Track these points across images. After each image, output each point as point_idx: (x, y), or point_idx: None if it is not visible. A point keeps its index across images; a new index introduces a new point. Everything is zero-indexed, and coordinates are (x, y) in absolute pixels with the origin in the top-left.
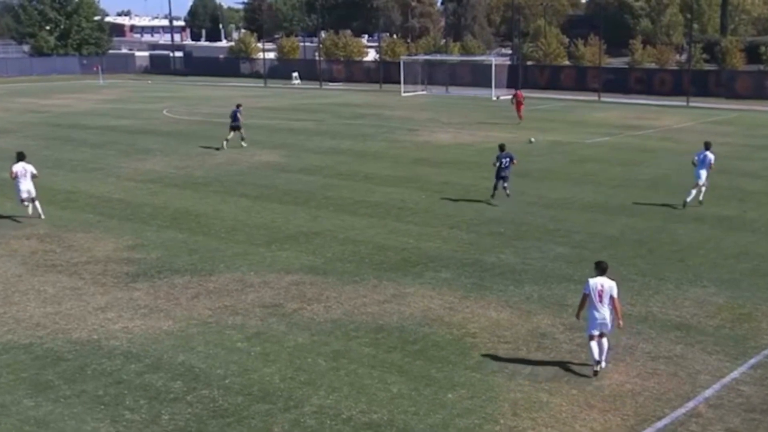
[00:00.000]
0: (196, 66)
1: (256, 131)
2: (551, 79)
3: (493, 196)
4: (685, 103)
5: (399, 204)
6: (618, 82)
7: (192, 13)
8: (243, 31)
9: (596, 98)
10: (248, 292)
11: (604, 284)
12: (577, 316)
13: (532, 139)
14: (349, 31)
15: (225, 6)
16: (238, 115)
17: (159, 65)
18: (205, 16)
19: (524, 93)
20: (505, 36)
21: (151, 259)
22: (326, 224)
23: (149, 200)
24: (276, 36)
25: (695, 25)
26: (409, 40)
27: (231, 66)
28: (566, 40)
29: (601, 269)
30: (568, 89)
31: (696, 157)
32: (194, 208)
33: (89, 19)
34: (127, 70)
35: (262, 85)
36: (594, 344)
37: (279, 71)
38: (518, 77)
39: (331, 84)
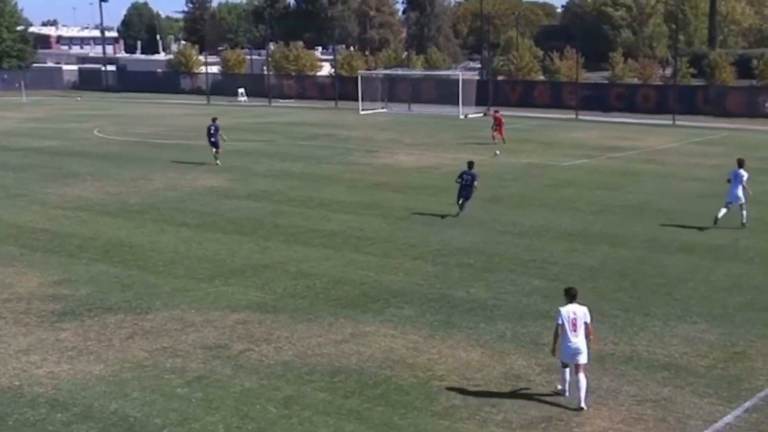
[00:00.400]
0: (130, 81)
1: (197, 153)
2: (524, 95)
3: (457, 214)
4: (670, 122)
5: (357, 233)
6: (597, 99)
7: (126, 23)
8: (183, 42)
9: (573, 116)
10: (189, 332)
11: (576, 311)
12: (553, 351)
13: (497, 152)
14: (301, 43)
15: (163, 15)
16: (213, 131)
17: (89, 80)
18: (140, 26)
19: (495, 111)
20: (474, 48)
21: (79, 296)
22: (276, 256)
23: (78, 230)
24: (220, 48)
25: (681, 37)
26: (367, 53)
27: (170, 81)
28: (540, 52)
29: (570, 296)
30: (543, 106)
31: (729, 176)
32: (129, 239)
33: (11, 30)
34: (53, 85)
35: (205, 102)
36: (567, 371)
37: (223, 87)
38: (488, 93)
39: (281, 101)
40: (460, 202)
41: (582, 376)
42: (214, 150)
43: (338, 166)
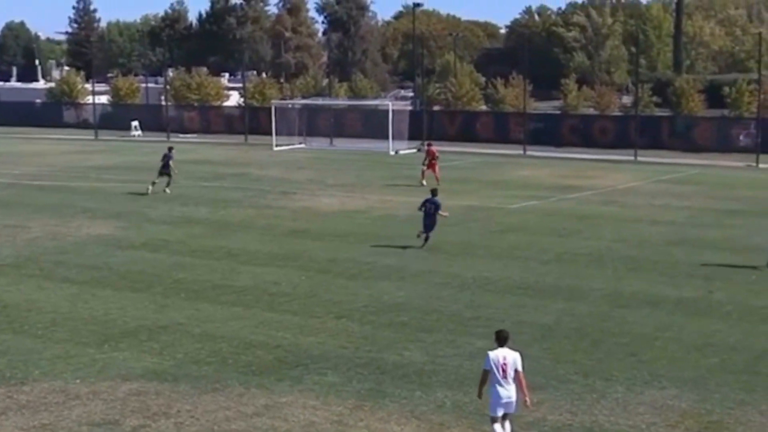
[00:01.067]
0: (4, 114)
1: (83, 197)
2: (464, 128)
3: (422, 246)
4: (632, 158)
5: (272, 288)
6: (548, 132)
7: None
8: (66, 68)
9: (521, 152)
10: (73, 406)
11: (507, 356)
12: (479, 395)
13: (424, 182)
14: (204, 69)
15: (42, 37)
16: (171, 161)
17: None
18: (16, 49)
19: (428, 144)
20: (406, 74)
21: None
22: (176, 315)
23: None
24: (110, 75)
25: (642, 61)
26: (282, 80)
27: (51, 113)
28: (482, 79)
29: (501, 339)
30: (486, 141)
31: None
32: (1, 298)
33: None
34: None
35: (92, 137)
36: (498, 427)
37: (114, 120)
38: (422, 126)
39: (181, 136)
40: (425, 233)
41: (507, 424)
42: (160, 178)
43: (249, 211)
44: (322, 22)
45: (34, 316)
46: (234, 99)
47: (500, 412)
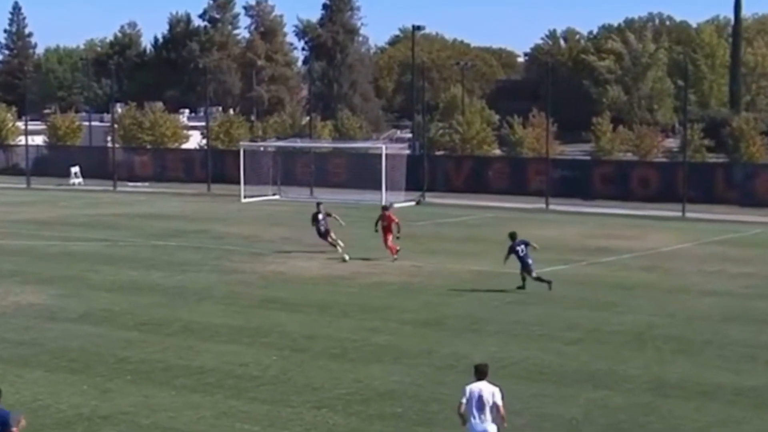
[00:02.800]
0: None
1: (10, 258)
2: (473, 176)
3: (522, 287)
4: (678, 214)
5: (237, 370)
6: (576, 182)
7: None
8: None
9: (542, 206)
10: None
11: (483, 390)
12: (463, 423)
13: (346, 257)
14: (160, 104)
15: None
16: (322, 217)
17: None
18: None
19: (433, 198)
20: (403, 112)
21: None
22: (121, 403)
23: None
24: (46, 110)
25: (691, 96)
26: (253, 118)
27: None
28: (496, 117)
29: (480, 373)
30: (500, 192)
31: None
32: None
33: None
34: None
35: (24, 185)
36: None
37: (50, 164)
38: (423, 174)
39: (131, 184)
40: (531, 276)
41: None
42: (329, 239)
43: (211, 276)
44: (303, 49)
45: None
46: (195, 140)
47: None
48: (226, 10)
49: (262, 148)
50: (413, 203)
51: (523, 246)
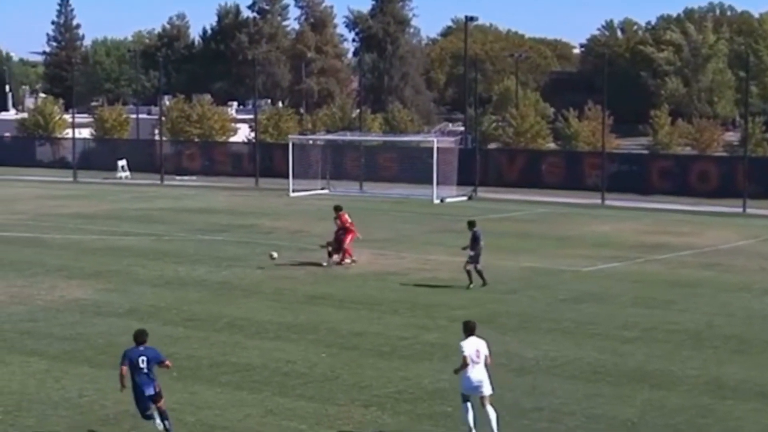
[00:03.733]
0: None
1: (57, 252)
2: (527, 171)
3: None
4: (739, 210)
5: (284, 367)
6: (632, 177)
7: None
8: (42, 95)
9: (598, 201)
10: None
11: (478, 345)
12: (456, 372)
13: (274, 255)
14: (208, 97)
15: (15, 58)
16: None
17: None
18: None
19: (486, 192)
20: (455, 104)
21: None
22: (167, 400)
23: None
24: (94, 103)
25: (753, 88)
26: (302, 111)
27: (22, 150)
28: (550, 110)
29: (469, 330)
30: (554, 187)
31: None
32: None
33: None
34: None
35: (71, 179)
36: (469, 405)
37: (97, 158)
38: (475, 168)
39: (178, 178)
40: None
41: (490, 408)
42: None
43: (258, 271)
44: (353, 40)
45: None
46: (243, 133)
47: (472, 393)
48: (276, 2)
49: (311, 142)
50: (465, 198)
51: (480, 236)
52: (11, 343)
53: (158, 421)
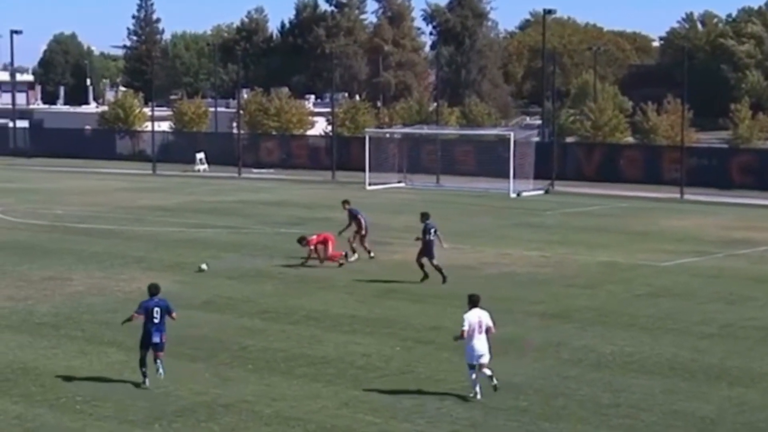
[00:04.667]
0: (48, 142)
1: (135, 244)
2: (605, 165)
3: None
4: None
5: (359, 360)
6: (712, 171)
7: (45, 63)
8: (122, 89)
9: (677, 196)
10: None
11: (481, 316)
12: (456, 339)
13: (204, 266)
14: (286, 90)
15: (96, 51)
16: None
17: None
18: (64, 67)
19: (563, 186)
20: (532, 98)
21: None
22: (242, 391)
23: None
24: (173, 96)
25: None
26: (379, 104)
27: (102, 142)
28: (629, 103)
29: (473, 302)
30: (633, 181)
31: None
32: (35, 364)
33: None
34: None
35: (150, 171)
36: (474, 374)
37: (176, 151)
38: (552, 162)
39: (256, 171)
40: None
41: (486, 369)
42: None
43: (333, 265)
44: (431, 34)
45: (74, 387)
46: (320, 127)
47: (476, 361)
48: None
49: (387, 135)
50: (542, 192)
51: (433, 230)
52: (90, 333)
53: (160, 371)
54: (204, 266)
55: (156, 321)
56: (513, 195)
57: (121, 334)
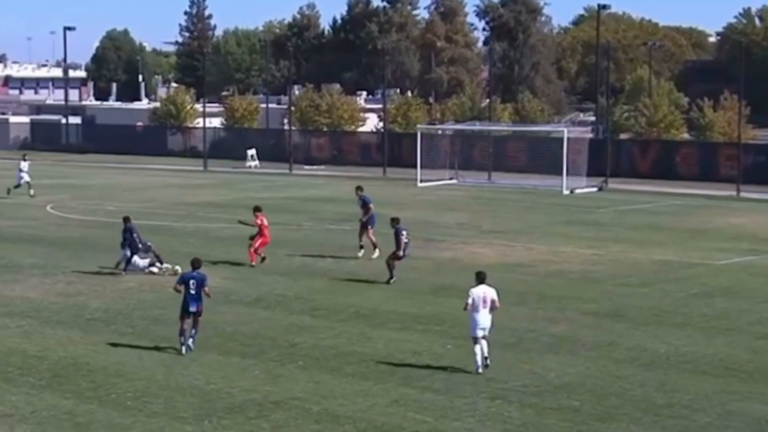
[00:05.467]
0: (100, 138)
1: (186, 240)
2: (660, 162)
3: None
4: None
5: (410, 358)
6: None
7: (98, 59)
8: (174, 85)
9: (733, 193)
10: None
11: (486, 292)
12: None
13: (177, 268)
14: (337, 86)
15: (148, 48)
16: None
17: (45, 137)
18: (117, 63)
19: (617, 183)
20: (586, 94)
21: None
22: (292, 388)
23: (18, 345)
24: (224, 92)
25: None
26: (431, 100)
27: (154, 139)
28: (684, 100)
29: (480, 279)
30: (688, 178)
31: None
32: (86, 360)
33: None
34: None
35: (201, 168)
36: (478, 347)
37: (227, 147)
38: (606, 159)
39: (307, 167)
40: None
41: (484, 342)
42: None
43: (384, 262)
44: (483, 29)
45: (124, 383)
46: (371, 123)
47: (479, 334)
48: None
49: (439, 132)
50: (595, 189)
51: (405, 233)
52: (141, 329)
53: (190, 341)
54: (177, 268)
55: (192, 292)
56: (566, 192)
57: (172, 331)
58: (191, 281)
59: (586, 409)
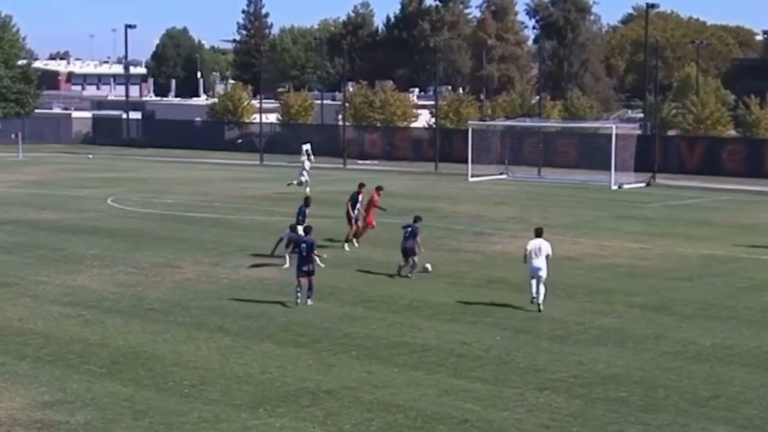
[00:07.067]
0: (160, 133)
1: (242, 233)
2: (707, 158)
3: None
4: None
5: (459, 349)
6: None
7: (158, 57)
8: (231, 82)
9: None
10: None
11: (541, 244)
12: (525, 261)
13: (428, 266)
14: (390, 83)
15: (207, 45)
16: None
17: (106, 132)
18: (176, 60)
19: (665, 179)
20: (634, 91)
21: (76, 424)
22: (345, 378)
23: (79, 334)
24: (280, 89)
25: None
26: (482, 97)
27: (212, 134)
28: (731, 97)
29: (537, 233)
30: (735, 174)
31: None
32: (145, 348)
33: (10, 65)
34: (59, 138)
35: (257, 162)
36: (534, 282)
37: (283, 142)
38: (653, 155)
39: (361, 162)
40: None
41: (542, 287)
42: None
43: (436, 254)
44: (534, 28)
45: (181, 371)
46: (424, 119)
47: (536, 274)
48: None
49: (490, 128)
50: (643, 184)
51: (409, 230)
52: (198, 319)
53: (307, 300)
54: (428, 266)
55: (303, 255)
56: (614, 187)
57: (228, 321)
58: (302, 245)
59: (633, 401)
